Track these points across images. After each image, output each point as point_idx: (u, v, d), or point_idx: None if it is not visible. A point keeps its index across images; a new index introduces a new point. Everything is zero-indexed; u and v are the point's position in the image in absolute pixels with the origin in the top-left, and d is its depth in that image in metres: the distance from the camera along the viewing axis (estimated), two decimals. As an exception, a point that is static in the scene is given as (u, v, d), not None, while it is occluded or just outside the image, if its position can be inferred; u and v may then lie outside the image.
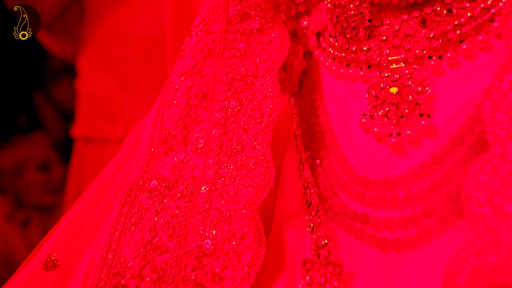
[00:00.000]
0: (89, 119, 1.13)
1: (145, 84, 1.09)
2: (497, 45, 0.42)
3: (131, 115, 1.10)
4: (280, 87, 0.52)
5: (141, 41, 1.07)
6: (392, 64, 0.45)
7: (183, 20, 1.03)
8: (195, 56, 0.53)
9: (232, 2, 0.53)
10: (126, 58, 1.08)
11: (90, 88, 1.12)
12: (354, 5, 0.46)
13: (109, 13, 1.09)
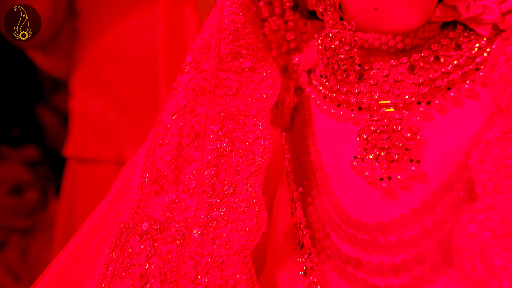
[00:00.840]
0: (81, 139, 1.13)
1: (137, 105, 1.09)
2: (483, 93, 0.43)
3: (123, 136, 1.09)
4: (271, 126, 0.53)
5: (133, 62, 1.08)
6: (382, 108, 0.46)
7: (174, 42, 1.04)
8: (186, 95, 0.53)
9: (224, 41, 0.54)
10: (119, 78, 1.08)
11: (82, 107, 1.12)
12: (344, 49, 0.47)
13: (102, 34, 1.09)
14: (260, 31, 0.56)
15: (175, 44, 1.04)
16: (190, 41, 1.06)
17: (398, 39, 0.46)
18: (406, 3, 0.43)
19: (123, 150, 1.09)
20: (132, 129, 1.08)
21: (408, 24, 0.44)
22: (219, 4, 0.55)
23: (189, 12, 1.06)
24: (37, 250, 1.52)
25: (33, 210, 1.54)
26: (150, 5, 1.06)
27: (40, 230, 1.54)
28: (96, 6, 1.08)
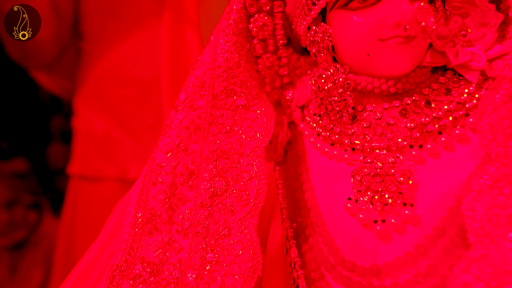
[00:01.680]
0: (84, 157, 1.14)
1: (141, 124, 1.09)
2: (473, 139, 0.44)
3: (127, 154, 1.10)
4: (265, 160, 0.53)
5: (137, 83, 1.09)
6: (375, 150, 0.47)
7: (177, 62, 1.08)
8: (180, 133, 0.53)
9: (218, 79, 0.54)
10: (123, 98, 1.09)
11: (86, 126, 1.13)
12: (337, 91, 0.48)
13: (106, 55, 1.10)
14: (253, 67, 0.56)
15: (178, 64, 1.08)
16: (192, 62, 1.10)
17: (390, 83, 0.47)
18: (397, 50, 0.44)
19: (127, 168, 1.09)
20: (136, 147, 1.09)
21: (400, 70, 0.45)
22: (213, 41, 0.55)
23: (191, 33, 1.10)
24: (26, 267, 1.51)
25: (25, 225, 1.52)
26: (153, 27, 1.07)
27: (31, 246, 1.52)
28: (100, 28, 1.09)
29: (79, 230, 1.12)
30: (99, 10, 1.08)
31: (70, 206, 1.17)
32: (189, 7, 1.09)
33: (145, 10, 1.07)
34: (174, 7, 1.07)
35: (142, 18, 1.07)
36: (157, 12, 1.06)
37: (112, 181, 1.09)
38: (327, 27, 0.48)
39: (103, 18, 1.08)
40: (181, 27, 1.08)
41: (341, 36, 0.47)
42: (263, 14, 0.54)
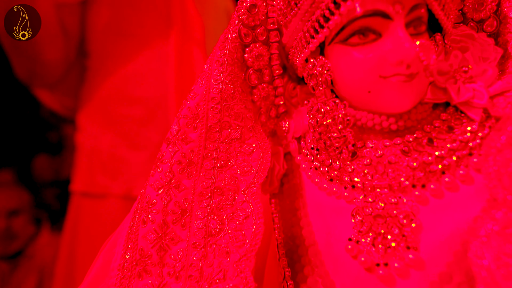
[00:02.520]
0: (89, 174, 1.13)
1: (148, 141, 1.09)
2: (477, 179, 0.42)
3: (133, 171, 1.09)
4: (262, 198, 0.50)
5: (145, 102, 1.09)
6: (377, 189, 0.45)
7: (184, 81, 1.09)
8: (172, 169, 0.51)
9: (212, 111, 0.52)
10: (129, 116, 1.09)
11: (91, 143, 1.12)
12: (337, 128, 0.46)
13: (112, 73, 1.09)
14: (249, 98, 0.54)
15: (184, 82, 1.09)
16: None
17: (392, 120, 0.45)
18: (399, 88, 0.43)
19: (133, 185, 1.08)
20: (142, 164, 1.09)
21: (402, 107, 0.44)
22: (207, 71, 0.53)
23: (197, 52, 1.11)
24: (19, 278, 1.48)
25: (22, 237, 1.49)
26: (160, 46, 1.08)
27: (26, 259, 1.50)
28: (107, 46, 1.10)
29: (80, 247, 1.10)
30: (106, 29, 1.08)
31: (71, 223, 1.15)
32: (195, 26, 1.11)
33: (152, 29, 1.08)
34: (180, 26, 1.08)
35: (148, 37, 1.08)
36: (163, 31, 1.08)
37: (117, 198, 1.08)
38: (326, 61, 0.46)
39: (109, 37, 1.09)
40: (187, 46, 1.09)
41: (340, 71, 0.45)
42: (258, 44, 0.53)
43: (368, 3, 0.41)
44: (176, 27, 1.07)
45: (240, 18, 0.51)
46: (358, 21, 0.42)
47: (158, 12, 1.08)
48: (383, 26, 0.42)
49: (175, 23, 1.07)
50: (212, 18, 1.16)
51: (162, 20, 1.07)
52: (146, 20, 1.08)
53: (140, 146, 1.09)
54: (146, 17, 1.07)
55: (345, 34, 0.43)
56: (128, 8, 1.07)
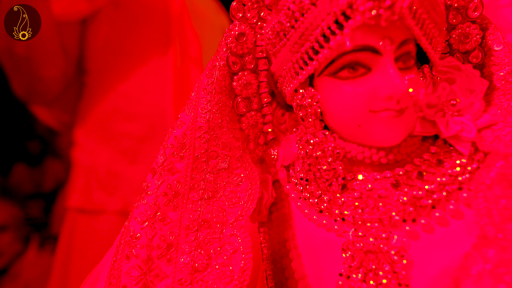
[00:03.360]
0: (86, 190, 1.12)
1: (147, 157, 1.09)
2: (467, 214, 0.42)
3: (130, 187, 1.09)
4: (250, 228, 0.49)
5: (143, 118, 1.09)
6: (367, 223, 0.44)
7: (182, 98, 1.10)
8: (158, 201, 0.49)
9: (200, 140, 0.50)
10: (128, 134, 1.09)
11: (89, 159, 1.12)
12: (326, 160, 0.46)
13: (110, 90, 1.10)
14: (237, 126, 0.53)
15: (182, 100, 1.10)
16: None
17: (382, 154, 0.45)
18: (389, 123, 0.42)
19: (130, 201, 1.08)
20: (140, 180, 1.06)
21: (392, 141, 0.43)
22: (194, 99, 0.52)
23: (194, 70, 1.13)
24: None
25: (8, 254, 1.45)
26: (158, 64, 1.09)
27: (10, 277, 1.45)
28: (105, 64, 1.10)
29: (75, 264, 1.09)
30: (105, 47, 1.09)
31: (65, 239, 1.14)
32: (192, 44, 1.13)
33: (150, 47, 1.09)
34: (178, 44, 1.10)
35: (147, 55, 1.09)
36: (162, 50, 1.09)
37: (113, 214, 1.08)
38: (315, 93, 0.46)
39: (108, 54, 1.09)
40: (185, 64, 1.11)
41: (330, 103, 0.45)
42: (247, 72, 0.52)
43: (358, 38, 0.41)
44: (174, 45, 1.09)
45: (228, 46, 0.51)
46: (347, 55, 0.42)
47: (157, 30, 1.10)
48: (372, 60, 0.42)
49: (173, 42, 1.09)
50: (209, 36, 1.18)
51: (160, 39, 1.09)
52: (145, 39, 1.09)
53: (138, 162, 1.09)
54: (145, 36, 1.09)
55: (335, 67, 0.43)
56: (127, 26, 1.08)
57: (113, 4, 1.07)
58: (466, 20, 0.48)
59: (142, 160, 1.09)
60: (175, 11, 1.10)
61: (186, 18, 1.12)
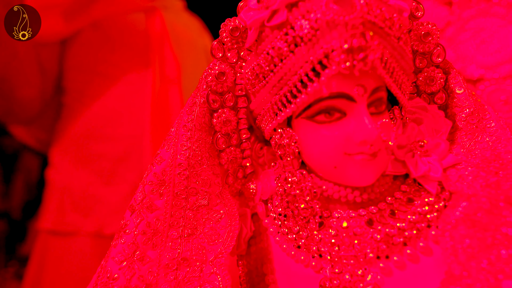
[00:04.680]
0: (59, 212, 1.09)
1: (123, 179, 1.08)
2: (435, 250, 0.45)
3: (105, 209, 1.07)
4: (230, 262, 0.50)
5: (120, 140, 1.09)
6: (343, 260, 0.46)
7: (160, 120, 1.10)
8: (136, 239, 0.49)
9: (179, 177, 0.51)
10: (104, 154, 1.08)
11: (64, 180, 1.10)
12: (304, 199, 0.47)
13: (88, 111, 1.09)
14: (216, 161, 0.54)
15: (160, 122, 1.10)
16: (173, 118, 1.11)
17: (356, 193, 0.47)
18: (363, 165, 0.45)
19: (105, 223, 1.05)
20: (115, 202, 1.06)
21: (366, 182, 0.46)
22: (174, 136, 0.52)
23: (173, 92, 1.13)
24: None
25: None
26: (136, 85, 1.09)
27: None
28: (83, 84, 1.09)
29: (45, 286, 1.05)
30: (82, 68, 1.09)
31: (36, 262, 1.10)
32: (171, 66, 1.13)
33: (129, 69, 1.09)
34: (158, 66, 1.10)
35: (125, 77, 1.09)
36: (141, 71, 1.09)
37: (87, 237, 1.06)
38: (293, 134, 0.48)
39: (86, 75, 1.09)
40: (164, 86, 1.11)
41: (307, 145, 0.47)
42: (226, 109, 0.53)
43: (334, 85, 0.43)
44: (153, 67, 1.09)
45: (209, 84, 0.52)
46: (324, 102, 0.44)
47: (136, 52, 1.10)
48: (347, 106, 0.44)
49: (153, 63, 1.10)
50: (190, 57, 1.19)
51: (139, 60, 1.10)
52: (123, 60, 1.09)
53: (114, 183, 1.08)
54: (124, 57, 1.09)
55: (312, 111, 0.45)
56: (106, 48, 1.08)
57: (92, 26, 1.08)
58: (431, 65, 0.52)
59: (118, 181, 1.08)
60: (155, 33, 1.12)
61: (166, 40, 1.13)
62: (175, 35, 1.15)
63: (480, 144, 0.48)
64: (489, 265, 0.40)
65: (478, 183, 0.45)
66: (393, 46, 0.44)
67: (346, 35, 0.40)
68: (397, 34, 0.44)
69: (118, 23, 1.10)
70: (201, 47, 1.25)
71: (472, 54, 0.91)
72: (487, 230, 0.42)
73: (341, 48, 0.40)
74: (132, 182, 1.08)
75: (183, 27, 1.21)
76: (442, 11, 0.96)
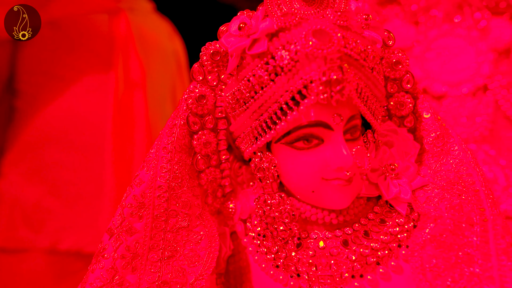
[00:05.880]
0: (10, 228, 1.01)
1: (79, 191, 1.01)
2: (406, 269, 0.48)
3: (59, 223, 1.00)
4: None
5: (78, 149, 1.02)
6: (320, 280, 0.48)
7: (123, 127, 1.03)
8: (115, 264, 0.48)
9: (159, 200, 0.51)
10: (58, 163, 1.01)
11: (14, 193, 1.02)
12: (283, 221, 0.49)
13: (42, 116, 1.01)
14: (195, 182, 0.55)
15: (123, 128, 1.03)
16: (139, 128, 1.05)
17: (333, 216, 0.49)
18: (339, 190, 0.47)
19: (59, 238, 0.99)
20: (71, 216, 1.00)
21: (342, 205, 0.48)
22: (154, 157, 0.52)
23: (138, 97, 1.06)
24: None
25: None
26: (97, 90, 1.02)
27: None
28: (37, 88, 1.01)
29: None
30: (37, 69, 1.01)
31: None
32: (136, 70, 1.07)
33: (90, 72, 1.02)
34: (121, 70, 1.04)
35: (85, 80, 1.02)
36: (102, 75, 1.03)
37: (40, 253, 0.99)
38: (273, 158, 0.49)
39: (41, 77, 1.01)
40: (128, 90, 1.05)
41: (286, 169, 0.48)
42: (206, 131, 0.54)
43: (312, 114, 0.45)
44: (116, 70, 1.03)
45: (189, 106, 0.52)
46: (302, 129, 0.46)
47: (98, 54, 1.04)
48: (324, 134, 0.46)
49: (116, 67, 1.04)
50: (158, 61, 1.14)
51: (101, 63, 1.03)
52: (83, 62, 1.03)
53: (70, 196, 1.01)
54: (84, 59, 1.03)
55: (291, 138, 0.47)
56: (64, 49, 1.01)
57: (50, 25, 0.99)
58: (401, 90, 0.55)
59: (74, 194, 1.01)
60: (119, 36, 1.05)
61: (131, 43, 1.07)
62: (141, 38, 1.09)
63: (445, 166, 0.52)
64: (453, 283, 0.44)
65: (444, 205, 0.48)
66: (367, 76, 0.46)
67: (325, 68, 0.42)
68: (371, 65, 0.47)
69: (78, 24, 1.02)
70: (170, 51, 1.20)
71: (437, 72, 0.97)
72: (452, 250, 0.45)
73: (319, 80, 0.42)
74: (89, 194, 1.02)
75: (150, 30, 1.15)
76: (410, 30, 1.01)
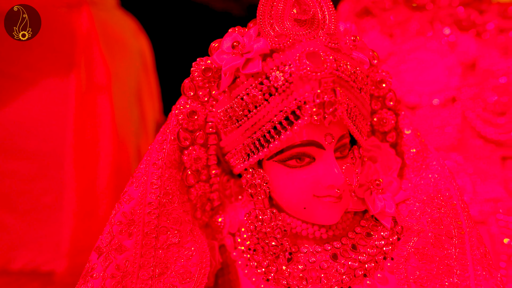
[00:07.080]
0: None
1: (36, 203, 0.93)
2: (391, 280, 0.50)
3: (13, 240, 0.92)
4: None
5: (34, 156, 0.93)
6: None
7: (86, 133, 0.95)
8: (105, 284, 0.47)
9: (149, 216, 0.50)
10: (13, 173, 0.92)
11: None
12: (275, 237, 0.50)
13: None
14: (185, 197, 0.54)
15: (86, 136, 0.95)
16: (103, 134, 0.98)
17: (323, 231, 0.51)
18: (329, 206, 0.49)
19: (12, 256, 0.90)
20: (27, 231, 0.91)
21: (332, 221, 0.50)
22: (143, 173, 0.52)
23: (102, 99, 0.99)
24: None
25: None
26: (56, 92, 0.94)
27: None
28: None
29: None
30: None
31: None
32: (100, 70, 0.99)
33: (47, 71, 0.93)
34: (84, 71, 0.96)
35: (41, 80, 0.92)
36: (62, 75, 0.94)
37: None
38: (265, 175, 0.50)
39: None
40: (91, 92, 0.97)
41: (278, 186, 0.49)
42: (197, 146, 0.54)
43: (305, 134, 0.46)
44: (78, 70, 0.94)
45: (179, 122, 0.52)
46: (295, 148, 0.47)
47: (58, 54, 0.94)
48: (316, 153, 0.47)
49: (77, 66, 0.94)
50: (123, 61, 1.07)
51: (61, 62, 0.94)
52: (40, 61, 0.92)
53: (25, 208, 0.92)
54: (42, 59, 0.93)
55: (284, 156, 0.48)
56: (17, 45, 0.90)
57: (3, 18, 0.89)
58: (384, 107, 0.58)
59: (30, 207, 0.92)
60: (81, 32, 0.95)
61: (95, 40, 0.97)
62: (105, 35, 1.00)
63: (424, 179, 0.55)
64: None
65: (425, 219, 0.51)
66: (356, 96, 0.48)
67: (318, 90, 0.43)
68: (359, 85, 0.49)
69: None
70: (136, 50, 1.12)
71: (412, 83, 1.01)
72: (433, 262, 0.48)
73: (313, 102, 0.43)
74: (48, 206, 0.93)
75: (115, 27, 1.06)
76: (385, 42, 1.05)
